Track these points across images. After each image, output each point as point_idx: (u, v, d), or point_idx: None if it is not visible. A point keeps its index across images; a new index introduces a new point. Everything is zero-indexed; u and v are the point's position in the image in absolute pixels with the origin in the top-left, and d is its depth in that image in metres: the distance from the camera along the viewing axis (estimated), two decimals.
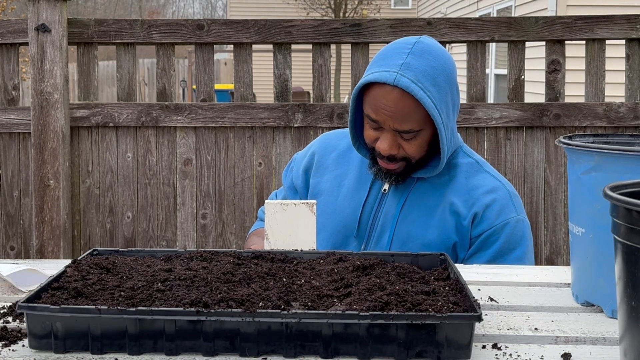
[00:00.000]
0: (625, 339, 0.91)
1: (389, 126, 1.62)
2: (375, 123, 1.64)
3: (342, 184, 1.79)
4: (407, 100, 1.58)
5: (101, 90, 13.91)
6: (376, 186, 1.76)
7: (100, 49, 3.45)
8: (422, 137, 1.64)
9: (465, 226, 1.68)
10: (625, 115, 2.96)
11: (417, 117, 1.60)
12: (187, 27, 3.01)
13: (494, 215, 1.67)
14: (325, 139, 1.92)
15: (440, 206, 1.70)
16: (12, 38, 3.01)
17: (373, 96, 1.62)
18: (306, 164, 1.89)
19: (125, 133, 3.06)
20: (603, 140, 1.39)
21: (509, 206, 1.69)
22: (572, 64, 3.83)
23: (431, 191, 1.72)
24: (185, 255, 1.38)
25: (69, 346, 1.07)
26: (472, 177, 1.72)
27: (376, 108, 1.61)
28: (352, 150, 1.83)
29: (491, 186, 1.71)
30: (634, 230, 0.87)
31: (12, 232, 3.09)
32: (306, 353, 1.05)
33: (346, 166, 1.82)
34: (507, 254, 1.68)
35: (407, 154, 1.66)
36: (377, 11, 18.38)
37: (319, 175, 1.85)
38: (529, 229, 1.72)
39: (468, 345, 1.05)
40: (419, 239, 1.69)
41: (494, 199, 1.68)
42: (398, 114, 1.59)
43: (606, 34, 2.94)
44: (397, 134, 1.63)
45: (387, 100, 1.59)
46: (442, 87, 1.61)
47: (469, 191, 1.70)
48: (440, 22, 2.98)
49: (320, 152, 1.88)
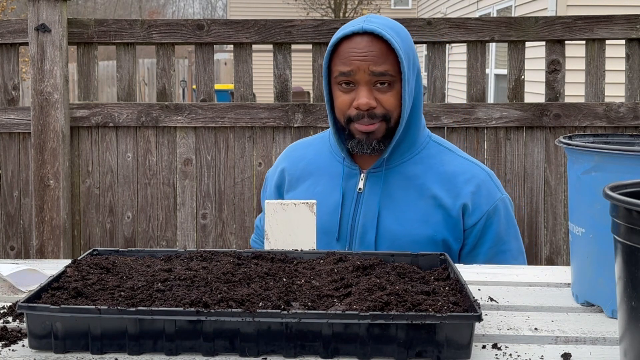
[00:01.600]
0: (625, 339, 0.91)
1: (364, 73, 1.61)
2: (347, 78, 1.63)
3: (316, 191, 1.76)
4: (377, 43, 1.61)
5: (101, 90, 13.91)
6: (350, 187, 1.73)
7: (100, 49, 3.45)
8: (395, 89, 1.64)
9: (454, 217, 1.68)
10: (625, 115, 2.96)
11: (390, 60, 1.61)
12: (187, 27, 3.01)
13: (484, 202, 1.69)
14: (291, 152, 1.90)
15: (423, 200, 1.69)
16: (12, 38, 3.01)
17: (343, 51, 1.63)
18: (277, 181, 1.87)
19: (125, 133, 3.06)
20: (603, 140, 1.39)
21: (492, 188, 1.72)
22: (572, 64, 3.83)
23: (408, 184, 1.70)
24: (185, 255, 1.38)
25: (69, 346, 1.07)
26: (448, 164, 1.72)
27: (347, 59, 1.62)
28: (320, 157, 1.81)
29: (470, 172, 1.72)
30: (634, 230, 0.87)
31: (12, 232, 3.09)
32: (306, 353, 1.05)
33: (317, 174, 1.79)
34: (506, 234, 1.71)
35: (385, 108, 1.64)
36: (377, 11, 18.38)
37: (292, 189, 1.82)
38: (511, 203, 1.77)
39: (468, 345, 1.05)
40: (407, 236, 1.67)
41: (478, 184, 1.70)
42: (370, 55, 1.60)
43: (606, 34, 2.94)
44: (372, 86, 1.63)
45: (357, 46, 1.61)
46: (405, 40, 1.64)
47: (450, 180, 1.70)
48: (440, 22, 2.98)
49: (289, 166, 1.85)
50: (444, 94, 3.05)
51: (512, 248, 1.73)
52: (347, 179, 1.74)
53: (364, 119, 1.64)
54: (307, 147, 1.88)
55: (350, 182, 1.74)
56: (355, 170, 1.74)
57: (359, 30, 1.61)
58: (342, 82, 1.65)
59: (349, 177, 1.74)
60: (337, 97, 1.68)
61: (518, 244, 1.75)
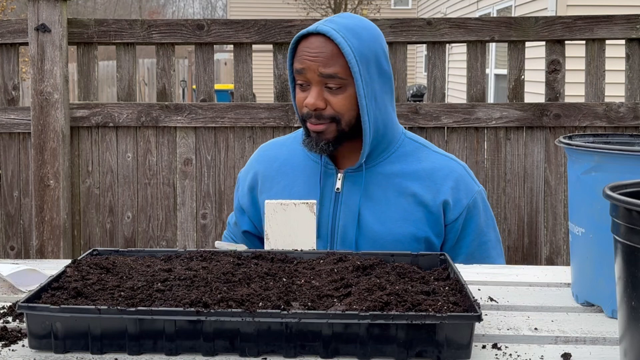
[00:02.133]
0: (625, 339, 0.91)
1: (314, 73, 1.62)
2: (301, 76, 1.64)
3: (292, 192, 1.76)
4: (329, 45, 1.62)
5: (101, 90, 13.91)
6: (328, 187, 1.73)
7: (100, 49, 3.44)
8: (348, 91, 1.64)
9: (435, 214, 1.69)
10: (625, 115, 2.96)
11: (341, 62, 1.61)
12: (187, 27, 3.01)
13: (463, 196, 1.71)
14: (264, 152, 1.89)
15: (403, 198, 1.69)
16: (12, 38, 3.01)
17: (299, 50, 1.66)
18: (250, 182, 1.85)
19: (125, 133, 3.06)
20: (603, 140, 1.39)
21: (469, 181, 1.74)
22: (572, 64, 3.83)
23: (387, 183, 1.71)
24: (185, 255, 1.38)
25: (69, 346, 1.07)
26: (425, 161, 1.73)
27: (300, 57, 1.64)
28: (294, 157, 1.80)
29: (447, 167, 1.73)
30: (634, 230, 0.87)
31: (12, 232, 3.09)
32: (306, 353, 1.05)
33: (292, 174, 1.79)
34: (485, 225, 1.74)
35: (334, 110, 1.64)
36: (377, 11, 18.39)
37: (266, 190, 1.81)
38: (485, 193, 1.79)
39: (468, 345, 1.05)
40: (388, 235, 1.67)
41: (456, 179, 1.72)
42: (320, 57, 1.61)
43: (606, 34, 2.94)
44: (324, 88, 1.63)
45: (310, 47, 1.63)
46: (365, 42, 1.64)
47: (428, 176, 1.71)
48: (440, 22, 2.98)
49: (261, 167, 1.84)
50: (444, 94, 3.05)
51: (492, 238, 1.76)
52: (324, 179, 1.74)
53: (312, 118, 1.66)
54: (280, 147, 1.87)
55: (328, 182, 1.74)
56: (331, 170, 1.74)
57: (313, 31, 1.63)
58: (298, 81, 1.67)
59: (325, 176, 1.74)
60: (296, 94, 1.70)
61: (495, 233, 1.78)
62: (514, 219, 3.00)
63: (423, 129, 2.99)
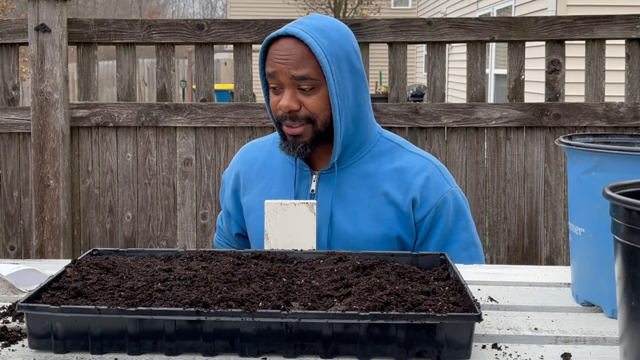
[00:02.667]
0: (625, 339, 0.91)
1: (286, 76, 1.61)
2: (273, 80, 1.64)
3: (270, 194, 1.76)
4: (299, 47, 1.61)
5: (101, 90, 13.90)
6: (303, 189, 1.74)
7: (100, 49, 3.44)
8: (321, 92, 1.63)
9: (406, 213, 1.68)
10: (625, 115, 2.96)
11: (312, 63, 1.61)
12: (187, 27, 3.01)
13: (432, 194, 1.69)
14: (245, 154, 1.89)
15: (375, 198, 1.69)
16: (12, 38, 3.01)
17: (269, 54, 1.65)
18: (233, 185, 1.87)
19: (125, 133, 3.06)
20: (603, 140, 1.39)
21: (441, 181, 1.72)
22: (572, 64, 3.83)
23: (360, 183, 1.70)
24: (185, 255, 1.38)
25: (68, 346, 1.07)
26: (399, 160, 1.73)
27: (272, 60, 1.63)
28: (272, 159, 1.81)
29: (419, 165, 1.72)
30: (634, 230, 0.87)
31: (12, 232, 3.09)
32: (306, 353, 1.05)
33: (270, 176, 1.79)
34: (454, 226, 1.71)
35: (309, 111, 1.63)
36: (377, 11, 18.39)
37: (247, 193, 1.82)
38: (463, 196, 1.75)
39: (468, 345, 1.05)
40: (360, 236, 1.67)
41: (427, 177, 1.70)
42: (291, 59, 1.61)
43: (606, 34, 2.94)
44: (297, 89, 1.63)
45: (280, 49, 1.62)
46: (335, 41, 1.64)
47: (400, 175, 1.70)
48: (440, 22, 2.98)
49: (243, 169, 1.85)
50: (444, 94, 3.05)
51: (461, 239, 1.72)
52: (300, 181, 1.74)
53: (287, 120, 1.65)
54: (260, 148, 1.87)
55: (303, 184, 1.74)
56: (306, 172, 1.74)
57: (283, 33, 1.62)
58: (270, 84, 1.66)
59: (301, 178, 1.74)
60: (269, 97, 1.70)
61: (469, 234, 1.73)
62: (514, 219, 3.00)
63: (423, 129, 2.99)
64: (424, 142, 2.99)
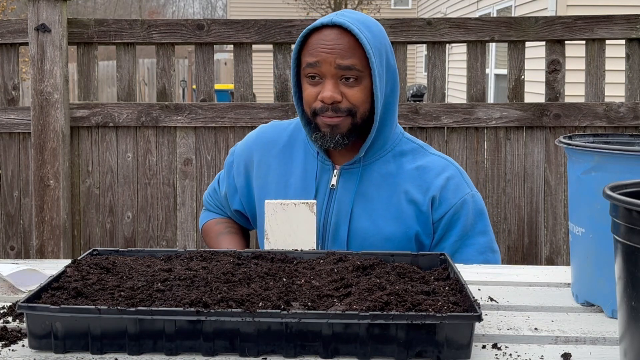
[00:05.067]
0: (625, 339, 0.91)
1: (330, 66, 1.60)
2: (314, 69, 1.62)
3: (289, 183, 1.75)
4: (346, 37, 1.60)
5: (101, 90, 13.90)
6: (323, 183, 1.72)
7: (100, 49, 3.45)
8: (363, 84, 1.63)
9: (425, 212, 1.68)
10: (625, 115, 2.96)
11: (358, 54, 1.61)
12: (187, 27, 3.01)
13: (451, 195, 1.69)
14: (263, 133, 1.86)
15: (395, 196, 1.69)
16: (12, 38, 3.01)
17: (311, 44, 1.63)
18: (246, 162, 1.84)
19: (125, 133, 3.06)
20: (603, 140, 1.39)
21: (462, 183, 1.72)
22: (572, 64, 3.83)
23: (381, 182, 1.70)
24: (185, 255, 1.38)
25: (69, 346, 1.07)
26: (420, 161, 1.73)
27: (315, 50, 1.62)
28: (294, 145, 1.78)
29: (440, 166, 1.72)
30: (634, 230, 0.87)
31: (12, 232, 3.09)
32: (306, 353, 1.05)
33: (290, 164, 1.77)
34: (471, 229, 1.70)
35: (350, 103, 1.62)
36: (377, 11, 18.38)
37: (261, 177, 1.80)
38: (482, 201, 1.75)
39: (468, 345, 1.05)
40: (379, 234, 1.67)
41: (447, 178, 1.70)
42: (337, 48, 1.60)
43: (606, 34, 2.94)
44: (339, 80, 1.62)
45: (326, 39, 1.61)
46: (377, 35, 1.64)
47: (420, 175, 1.70)
48: (440, 22, 2.98)
49: (259, 149, 1.82)
50: (444, 94, 3.05)
51: (477, 242, 1.71)
52: (320, 174, 1.73)
53: (328, 112, 1.63)
54: (281, 131, 1.84)
55: (323, 178, 1.73)
56: (328, 165, 1.73)
57: (328, 23, 1.61)
58: (309, 74, 1.64)
59: (322, 172, 1.73)
60: (304, 89, 1.67)
61: (486, 239, 1.73)
62: (514, 219, 3.00)
63: (423, 129, 2.99)
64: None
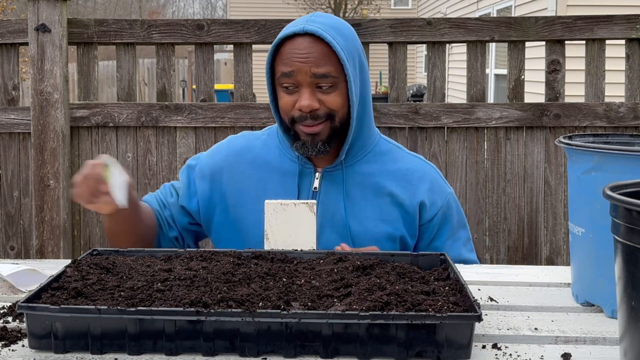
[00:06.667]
0: (625, 339, 0.91)
1: (305, 75, 1.60)
2: (289, 79, 1.61)
3: (267, 188, 1.72)
4: (319, 45, 1.60)
5: (101, 90, 13.90)
6: (305, 186, 1.72)
7: (100, 49, 3.44)
8: (339, 89, 1.63)
9: (412, 214, 1.71)
10: (625, 115, 2.96)
11: (332, 61, 1.61)
12: (187, 27, 3.01)
13: (438, 198, 1.74)
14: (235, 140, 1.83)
15: (380, 198, 1.70)
16: (12, 38, 3.01)
17: (284, 53, 1.62)
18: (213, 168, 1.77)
19: (125, 133, 3.06)
20: (603, 140, 1.39)
21: (442, 183, 1.78)
22: (572, 64, 3.82)
23: (362, 183, 1.71)
24: (185, 255, 1.38)
25: (68, 346, 1.07)
26: (400, 162, 1.76)
27: (289, 60, 1.61)
28: (269, 152, 1.76)
29: (422, 169, 1.76)
30: (634, 230, 0.87)
31: (12, 232, 3.09)
32: (306, 353, 1.05)
33: (265, 170, 1.74)
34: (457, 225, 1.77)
35: (329, 108, 1.62)
36: (377, 11, 18.39)
37: (234, 183, 1.75)
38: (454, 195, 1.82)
39: (468, 345, 1.05)
40: (366, 235, 1.67)
41: (431, 181, 1.75)
42: (311, 57, 1.59)
43: (606, 34, 2.94)
44: (315, 87, 1.61)
45: (299, 48, 1.60)
46: (348, 39, 1.64)
47: (404, 177, 1.73)
48: (440, 22, 2.98)
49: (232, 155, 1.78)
50: (444, 94, 3.05)
51: (462, 236, 1.78)
52: (302, 178, 1.73)
53: (307, 120, 1.63)
54: (254, 140, 1.81)
55: (305, 181, 1.72)
56: (309, 168, 1.73)
57: (300, 31, 1.60)
58: (284, 84, 1.63)
59: (302, 175, 1.73)
60: (280, 98, 1.66)
61: (466, 231, 1.81)
62: (514, 219, 3.00)
63: (423, 129, 2.99)
64: (424, 142, 2.99)
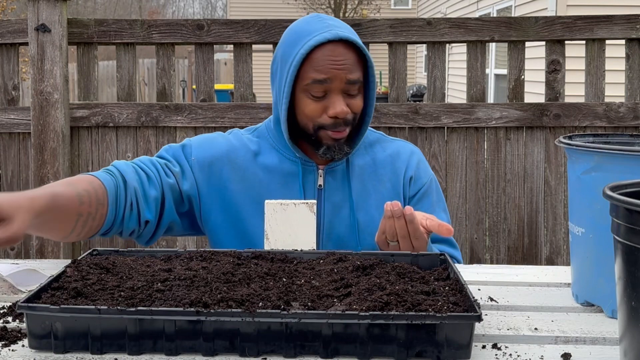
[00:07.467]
0: (625, 339, 0.91)
1: (340, 82, 1.60)
2: (323, 86, 1.60)
3: (270, 189, 1.70)
4: (351, 51, 1.62)
5: (101, 90, 13.89)
6: (309, 184, 1.72)
7: (100, 49, 3.44)
8: (361, 92, 1.67)
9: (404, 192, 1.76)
10: (625, 115, 2.96)
11: (360, 66, 1.64)
12: (187, 27, 3.01)
13: (423, 174, 1.79)
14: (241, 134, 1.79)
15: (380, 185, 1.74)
16: (12, 38, 3.01)
17: (316, 59, 1.60)
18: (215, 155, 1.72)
19: (125, 133, 3.06)
20: (603, 140, 1.39)
21: (427, 165, 1.84)
22: (572, 64, 3.83)
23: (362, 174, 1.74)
24: (185, 255, 1.38)
25: (68, 346, 1.07)
26: (389, 148, 1.80)
27: (324, 67, 1.60)
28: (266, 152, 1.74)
29: (409, 149, 1.81)
30: (634, 230, 0.87)
31: None
32: (306, 353, 1.05)
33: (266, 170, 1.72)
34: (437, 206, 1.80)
35: (354, 113, 1.65)
36: (377, 11, 18.38)
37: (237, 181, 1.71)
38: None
39: (468, 345, 1.05)
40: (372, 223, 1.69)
41: (418, 160, 1.80)
42: (347, 64, 1.61)
43: (606, 34, 2.94)
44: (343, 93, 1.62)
45: (334, 54, 1.60)
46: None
47: (394, 160, 1.77)
48: (440, 22, 2.98)
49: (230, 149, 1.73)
50: (444, 94, 3.05)
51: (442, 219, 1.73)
52: (304, 176, 1.73)
53: (340, 126, 1.64)
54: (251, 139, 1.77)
55: (308, 179, 1.73)
56: (311, 166, 1.73)
57: (334, 38, 1.60)
58: (314, 91, 1.61)
59: (305, 174, 1.73)
60: (305, 104, 1.63)
61: (447, 216, 1.82)
62: (514, 219, 3.00)
63: (423, 129, 2.99)
64: (424, 142, 2.99)
